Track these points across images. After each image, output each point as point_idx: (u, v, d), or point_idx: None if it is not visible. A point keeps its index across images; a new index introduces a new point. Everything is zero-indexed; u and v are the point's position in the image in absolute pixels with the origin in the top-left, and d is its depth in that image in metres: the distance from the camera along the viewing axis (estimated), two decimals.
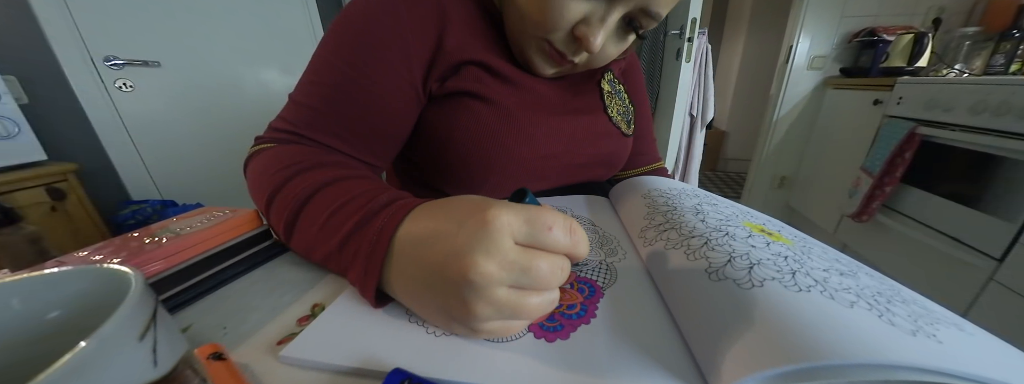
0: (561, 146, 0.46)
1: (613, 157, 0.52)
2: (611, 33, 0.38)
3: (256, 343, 0.23)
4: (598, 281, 0.27)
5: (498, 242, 0.19)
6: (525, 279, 0.19)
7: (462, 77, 0.40)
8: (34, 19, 1.18)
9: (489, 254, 0.18)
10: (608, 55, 0.41)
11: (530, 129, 0.43)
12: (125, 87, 1.38)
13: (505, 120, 0.42)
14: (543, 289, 0.20)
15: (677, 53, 1.56)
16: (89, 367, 0.10)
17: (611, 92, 0.52)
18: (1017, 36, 1.34)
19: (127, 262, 0.21)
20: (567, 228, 0.20)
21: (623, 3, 0.34)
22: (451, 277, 0.19)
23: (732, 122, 3.23)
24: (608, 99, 0.51)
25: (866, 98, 1.54)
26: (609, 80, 0.52)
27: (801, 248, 0.25)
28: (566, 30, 0.37)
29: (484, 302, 0.19)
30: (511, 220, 0.19)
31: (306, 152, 0.34)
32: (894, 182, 1.31)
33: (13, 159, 1.04)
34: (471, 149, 0.42)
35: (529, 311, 0.20)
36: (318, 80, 0.38)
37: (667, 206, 0.34)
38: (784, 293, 0.19)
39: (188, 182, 1.60)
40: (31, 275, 0.15)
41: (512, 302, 0.19)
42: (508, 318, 0.20)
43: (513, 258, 0.19)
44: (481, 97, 0.41)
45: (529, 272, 0.19)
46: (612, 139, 0.51)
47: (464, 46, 0.39)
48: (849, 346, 0.15)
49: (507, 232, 0.19)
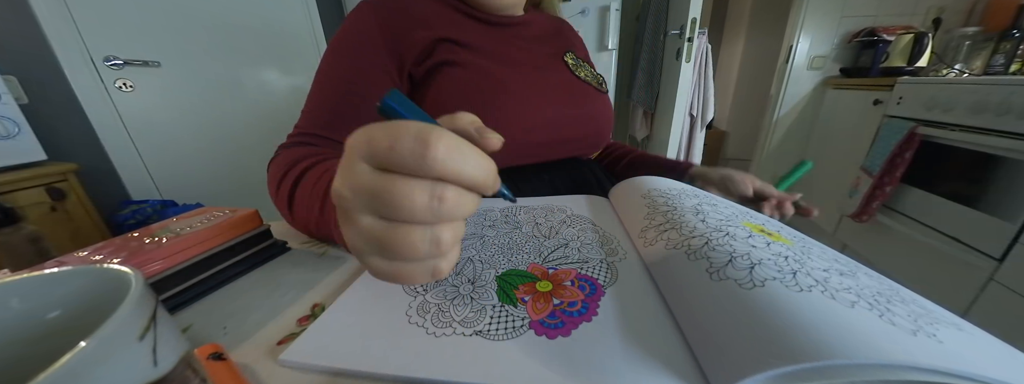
0: (543, 99, 0.49)
1: (599, 116, 0.55)
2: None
3: (256, 343, 0.23)
4: (599, 279, 0.27)
5: (350, 165, 0.16)
6: (380, 206, 0.16)
7: (436, 53, 0.45)
8: (34, 19, 1.18)
9: (342, 177, 0.17)
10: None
11: (511, 84, 0.47)
12: (125, 87, 1.38)
13: (488, 79, 0.46)
14: (408, 220, 0.16)
15: (677, 53, 1.56)
16: (89, 367, 0.10)
17: (575, 64, 0.56)
18: (1017, 36, 1.34)
19: (127, 262, 0.21)
20: (416, 139, 0.15)
21: None
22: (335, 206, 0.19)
23: (732, 122, 3.23)
24: (575, 69, 0.55)
25: (866, 98, 1.54)
26: (572, 57, 0.56)
27: (801, 248, 0.25)
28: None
29: (352, 231, 0.17)
30: (355, 140, 0.17)
31: (307, 151, 0.39)
32: (894, 182, 1.31)
33: (13, 159, 1.04)
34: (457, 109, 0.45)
35: (396, 246, 0.16)
36: (320, 91, 0.44)
37: (667, 206, 0.34)
38: (785, 293, 0.19)
39: (188, 182, 1.60)
40: (31, 275, 0.15)
41: (375, 233, 0.16)
42: (379, 255, 0.17)
43: (362, 181, 0.16)
44: (458, 64, 0.45)
45: (378, 197, 0.16)
46: (589, 97, 0.54)
47: (429, 28, 0.45)
48: (851, 346, 0.15)
49: (356, 154, 0.16)
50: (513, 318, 0.23)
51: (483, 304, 0.24)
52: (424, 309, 0.24)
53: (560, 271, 0.28)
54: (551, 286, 0.26)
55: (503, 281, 0.27)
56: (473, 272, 0.29)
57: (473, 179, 0.17)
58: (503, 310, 0.24)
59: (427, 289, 0.26)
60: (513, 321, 0.23)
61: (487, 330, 0.22)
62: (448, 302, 0.25)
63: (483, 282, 0.27)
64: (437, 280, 0.20)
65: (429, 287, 0.27)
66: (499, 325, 0.22)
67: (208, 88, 1.58)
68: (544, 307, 0.24)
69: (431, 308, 0.24)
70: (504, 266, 0.30)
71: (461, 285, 0.27)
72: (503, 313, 0.23)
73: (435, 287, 0.27)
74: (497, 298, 0.25)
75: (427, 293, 0.26)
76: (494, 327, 0.22)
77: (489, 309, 0.24)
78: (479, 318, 0.23)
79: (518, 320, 0.23)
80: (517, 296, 0.25)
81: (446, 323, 0.22)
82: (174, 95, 1.50)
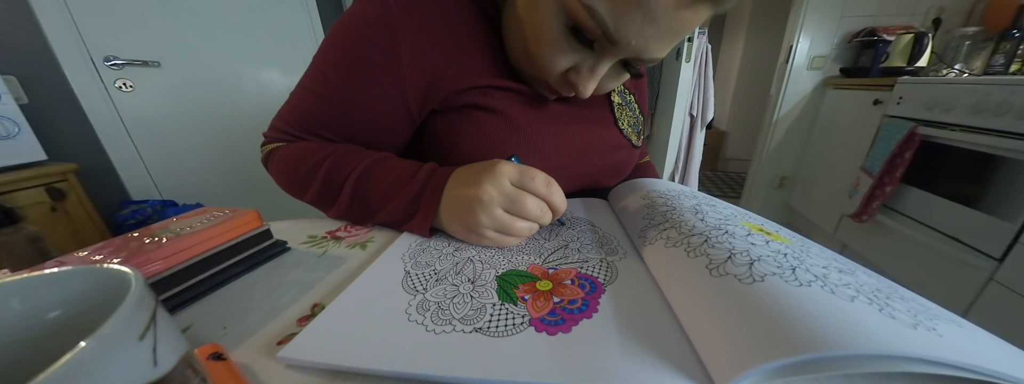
0: (571, 157, 0.45)
1: (622, 167, 0.52)
2: (604, 76, 0.37)
3: (256, 343, 0.23)
4: (599, 278, 0.27)
5: (499, 179, 0.31)
6: (513, 206, 0.31)
7: (467, 94, 0.40)
8: (34, 19, 1.18)
9: (493, 185, 0.31)
10: (605, 88, 0.40)
11: (537, 140, 0.42)
12: (125, 87, 1.38)
13: (511, 131, 0.41)
14: (525, 217, 0.32)
15: (677, 53, 1.56)
16: (89, 367, 0.10)
17: (622, 104, 0.51)
18: (1017, 36, 1.34)
19: (127, 262, 0.21)
20: (545, 182, 0.32)
21: (611, 55, 0.33)
22: (470, 199, 0.31)
23: (732, 122, 3.23)
24: (619, 111, 0.50)
25: (866, 98, 1.54)
26: (619, 91, 0.51)
27: (800, 247, 0.25)
28: (558, 75, 0.37)
29: (486, 215, 0.31)
30: (509, 169, 0.32)
31: (325, 145, 0.41)
32: (894, 182, 1.31)
33: (13, 159, 1.04)
34: (477, 160, 0.42)
35: (515, 229, 0.31)
36: (313, 87, 0.40)
37: (666, 206, 0.34)
38: (785, 287, 0.19)
39: (188, 182, 1.60)
40: (31, 275, 0.15)
41: (504, 219, 0.31)
42: (501, 232, 0.32)
43: (508, 190, 0.31)
44: (486, 108, 0.40)
45: (515, 202, 0.31)
46: (623, 151, 0.51)
47: (466, 73, 0.39)
48: (852, 337, 0.15)
49: (506, 175, 0.31)
50: (513, 316, 0.23)
51: (483, 302, 0.24)
52: (424, 307, 0.24)
53: (560, 271, 0.29)
54: (551, 285, 0.26)
55: (503, 281, 0.27)
56: (473, 272, 0.29)
57: (557, 207, 0.33)
58: (503, 308, 0.24)
59: (427, 288, 0.26)
60: (513, 318, 0.23)
61: (487, 327, 0.22)
62: (448, 300, 0.25)
63: (483, 281, 0.27)
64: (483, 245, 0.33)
65: (429, 286, 0.27)
66: (499, 322, 0.22)
67: (208, 88, 1.58)
68: (544, 305, 0.24)
69: (431, 306, 0.24)
70: (504, 266, 0.30)
71: (461, 284, 0.27)
72: (503, 311, 0.23)
73: (435, 286, 0.27)
74: (497, 296, 0.25)
75: (427, 292, 0.26)
76: (494, 324, 0.22)
77: (489, 307, 0.24)
78: (479, 316, 0.23)
79: (518, 317, 0.23)
80: (517, 295, 0.25)
81: (446, 321, 0.22)
82: (174, 95, 1.50)
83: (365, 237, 0.37)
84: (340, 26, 0.38)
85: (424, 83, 0.38)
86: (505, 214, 0.31)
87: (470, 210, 0.31)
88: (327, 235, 0.38)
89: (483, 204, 0.30)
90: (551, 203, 0.32)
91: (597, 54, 0.34)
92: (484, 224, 0.31)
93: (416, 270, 0.29)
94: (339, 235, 0.38)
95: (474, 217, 0.31)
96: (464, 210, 0.32)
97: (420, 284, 0.27)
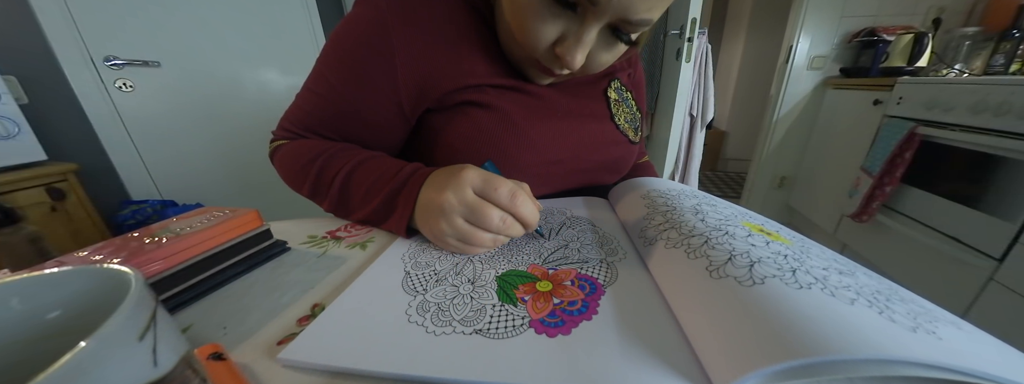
0: (567, 152, 0.45)
1: (619, 163, 0.52)
2: (594, 45, 0.36)
3: (256, 343, 0.23)
4: (599, 279, 0.27)
5: (461, 188, 0.30)
6: (472, 216, 0.30)
7: (461, 92, 0.40)
8: (34, 19, 1.18)
9: (454, 193, 0.30)
10: (600, 64, 0.39)
11: (532, 135, 0.42)
12: (125, 87, 1.38)
13: (505, 126, 0.41)
14: (485, 228, 0.30)
15: (677, 53, 1.56)
16: (89, 367, 0.10)
17: (618, 100, 0.51)
18: (1017, 36, 1.34)
19: (127, 262, 0.21)
20: (510, 193, 0.30)
21: (596, 18, 0.32)
22: (434, 205, 0.31)
23: (732, 122, 3.23)
24: (615, 107, 0.50)
25: (866, 98, 1.53)
26: (616, 88, 0.51)
27: (800, 248, 0.25)
28: (546, 48, 0.36)
29: (446, 223, 0.30)
30: (474, 177, 0.31)
31: (324, 142, 0.42)
32: (894, 182, 1.31)
33: (13, 159, 1.04)
34: (472, 155, 0.42)
35: (476, 239, 0.30)
36: (314, 88, 0.42)
37: (666, 206, 0.34)
38: (785, 290, 0.19)
39: (188, 182, 1.60)
40: (31, 275, 0.15)
41: (464, 229, 0.30)
42: (462, 241, 0.31)
43: (468, 200, 0.30)
44: (481, 104, 0.41)
45: (475, 212, 0.30)
46: (620, 146, 0.50)
47: (460, 72, 0.39)
48: (851, 341, 0.15)
49: (468, 183, 0.30)
50: (513, 317, 0.23)
51: (483, 303, 0.24)
52: (424, 308, 0.24)
53: (560, 271, 0.29)
54: (551, 286, 0.26)
55: (503, 281, 0.27)
56: (473, 272, 0.29)
57: (525, 219, 0.31)
58: (503, 309, 0.24)
59: (427, 289, 0.26)
60: (513, 320, 0.23)
61: (487, 329, 0.22)
62: (448, 301, 0.25)
63: (483, 282, 0.27)
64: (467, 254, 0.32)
65: (429, 287, 0.27)
66: (499, 324, 0.22)
67: (208, 88, 1.58)
68: (544, 306, 0.24)
69: (431, 307, 0.24)
70: (504, 267, 0.30)
71: (461, 285, 0.27)
72: (503, 312, 0.23)
73: (435, 287, 0.27)
74: (497, 297, 0.25)
75: (427, 293, 0.26)
76: (494, 326, 0.22)
77: (489, 308, 0.24)
78: (479, 317, 0.23)
79: (518, 319, 0.23)
80: (517, 296, 0.25)
81: (446, 322, 0.22)
82: (174, 95, 1.50)
83: (365, 237, 0.38)
84: (340, 29, 0.40)
85: (417, 83, 0.39)
86: (466, 224, 0.30)
87: (433, 216, 0.31)
88: (327, 235, 0.38)
89: (444, 212, 0.30)
90: (517, 215, 0.30)
91: (580, 17, 0.33)
92: (445, 232, 0.30)
93: (416, 270, 0.29)
94: (339, 235, 0.38)
95: (436, 224, 0.31)
96: (429, 215, 0.32)
97: (420, 285, 0.27)
